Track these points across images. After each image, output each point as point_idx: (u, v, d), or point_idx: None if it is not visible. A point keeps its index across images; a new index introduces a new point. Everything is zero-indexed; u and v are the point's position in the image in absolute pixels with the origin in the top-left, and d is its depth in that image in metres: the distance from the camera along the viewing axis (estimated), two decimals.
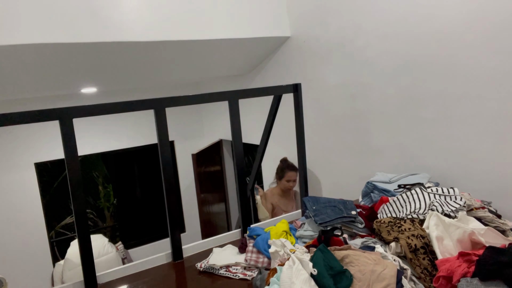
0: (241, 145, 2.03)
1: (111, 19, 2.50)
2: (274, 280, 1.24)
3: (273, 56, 3.48)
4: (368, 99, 2.54)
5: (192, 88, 5.32)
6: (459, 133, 2.02)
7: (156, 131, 1.77)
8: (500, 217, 1.60)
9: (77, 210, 1.60)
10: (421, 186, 1.74)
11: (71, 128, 1.57)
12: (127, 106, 1.73)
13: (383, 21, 2.33)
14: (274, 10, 3.11)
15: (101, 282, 1.69)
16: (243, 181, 2.08)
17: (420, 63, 2.16)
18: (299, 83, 2.26)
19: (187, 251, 1.91)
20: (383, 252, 1.33)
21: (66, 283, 1.70)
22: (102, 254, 3.49)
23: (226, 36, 2.93)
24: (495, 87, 1.82)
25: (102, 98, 4.20)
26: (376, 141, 2.55)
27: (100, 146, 4.96)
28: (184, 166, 5.49)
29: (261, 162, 2.61)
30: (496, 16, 1.77)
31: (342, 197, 1.88)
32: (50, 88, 3.52)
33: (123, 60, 3.00)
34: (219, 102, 2.08)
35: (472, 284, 1.08)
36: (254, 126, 3.26)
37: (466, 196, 1.66)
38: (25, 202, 4.48)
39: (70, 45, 2.44)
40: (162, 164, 1.79)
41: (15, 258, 4.37)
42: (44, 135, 4.43)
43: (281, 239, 1.59)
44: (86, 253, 1.63)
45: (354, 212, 1.69)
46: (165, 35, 2.70)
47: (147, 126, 4.92)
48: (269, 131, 2.46)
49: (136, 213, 6.21)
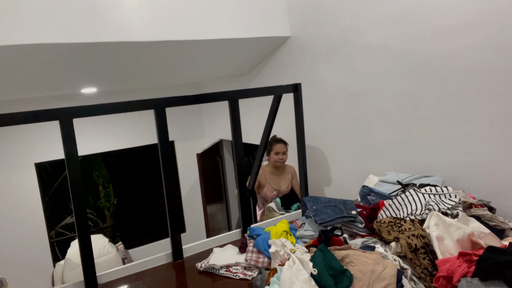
0: (241, 145, 2.03)
1: (111, 19, 2.50)
2: (274, 280, 1.24)
3: (273, 56, 3.48)
4: (368, 99, 2.54)
5: (192, 88, 5.33)
6: (459, 133, 2.02)
7: (156, 131, 1.77)
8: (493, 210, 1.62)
9: (77, 210, 1.60)
10: (414, 187, 1.74)
11: (71, 128, 1.57)
12: (127, 106, 1.73)
13: (383, 21, 2.33)
14: (274, 10, 3.11)
15: (101, 282, 1.70)
16: (243, 181, 2.08)
17: (420, 63, 2.16)
18: (299, 83, 2.26)
19: (187, 251, 1.91)
20: (383, 252, 1.33)
21: (66, 283, 1.70)
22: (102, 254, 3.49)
23: (226, 36, 2.93)
24: (495, 87, 1.82)
25: (102, 98, 4.21)
26: (376, 141, 2.55)
27: (100, 146, 4.96)
28: (184, 166, 5.49)
29: (261, 162, 2.61)
30: (496, 16, 1.77)
31: (342, 197, 1.88)
32: (50, 88, 3.52)
33: (123, 60, 3.00)
34: (219, 102, 2.08)
35: (472, 284, 1.08)
36: (254, 126, 3.25)
37: (461, 193, 1.66)
38: (25, 202, 4.48)
39: (70, 45, 2.44)
40: (162, 164, 1.79)
41: (16, 258, 4.37)
42: (44, 135, 4.43)
43: (281, 239, 1.59)
44: (86, 253, 1.63)
45: (354, 212, 1.69)
46: (165, 35, 2.70)
47: (147, 126, 4.93)
48: (269, 131, 2.46)
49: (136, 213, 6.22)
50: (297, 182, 3.18)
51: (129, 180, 6.40)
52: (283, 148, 3.11)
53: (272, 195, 3.13)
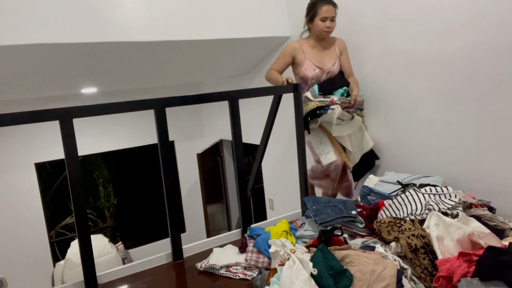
0: (241, 145, 2.02)
1: (112, 19, 2.50)
2: (274, 280, 1.24)
3: (273, 56, 3.47)
4: (367, 98, 2.54)
5: (192, 88, 5.33)
6: (459, 133, 2.02)
7: (156, 131, 1.77)
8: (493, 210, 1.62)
9: (77, 210, 1.60)
10: (414, 187, 1.74)
11: (71, 128, 1.57)
12: (127, 106, 1.73)
13: (382, 21, 2.33)
14: (274, 10, 3.11)
15: (101, 282, 1.70)
16: (243, 181, 2.08)
17: (420, 63, 2.16)
18: (299, 83, 2.26)
19: (187, 251, 1.91)
20: (383, 252, 1.33)
21: (66, 283, 1.70)
22: (102, 254, 3.49)
23: (226, 36, 2.93)
24: (495, 87, 1.82)
25: (102, 98, 4.21)
26: (375, 141, 2.54)
27: (100, 146, 4.96)
28: (184, 166, 5.49)
29: (261, 162, 2.61)
30: (496, 16, 1.77)
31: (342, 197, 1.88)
32: (50, 88, 3.53)
33: (123, 60, 3.00)
34: (219, 102, 2.08)
35: (472, 284, 1.08)
36: (254, 126, 3.25)
37: (461, 193, 1.66)
38: (25, 202, 4.49)
39: (70, 45, 2.44)
40: (162, 164, 1.79)
41: (16, 258, 4.38)
42: (44, 135, 4.43)
43: (281, 239, 1.59)
44: (86, 253, 1.63)
45: (354, 212, 1.69)
46: (165, 35, 2.70)
47: (147, 126, 4.93)
48: (269, 131, 2.46)
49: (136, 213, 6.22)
50: (347, 59, 2.54)
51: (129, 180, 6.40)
52: (332, 11, 2.34)
53: (313, 74, 2.42)
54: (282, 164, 3.64)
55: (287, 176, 3.57)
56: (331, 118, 2.28)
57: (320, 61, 2.44)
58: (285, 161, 3.57)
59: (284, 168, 3.61)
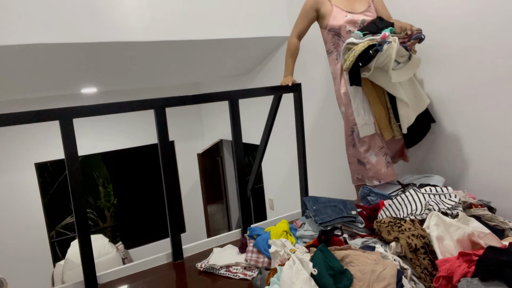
0: (241, 145, 2.03)
1: (111, 19, 2.51)
2: (274, 280, 1.24)
3: (273, 56, 3.48)
4: None
5: (192, 88, 5.33)
6: (459, 133, 2.02)
7: (156, 131, 1.77)
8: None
9: (77, 210, 1.60)
10: (414, 187, 1.74)
11: (71, 128, 1.57)
12: (127, 106, 1.73)
13: None
14: (274, 10, 3.11)
15: (101, 282, 1.70)
16: (243, 181, 2.08)
17: None
18: (299, 83, 2.26)
19: (187, 251, 1.91)
20: (383, 252, 1.33)
21: (66, 283, 1.70)
22: (102, 254, 3.50)
23: (226, 36, 2.93)
24: (495, 87, 1.82)
25: (102, 98, 4.22)
26: None
27: (100, 146, 4.96)
28: (184, 166, 5.49)
29: (261, 162, 2.61)
30: (496, 16, 1.77)
31: (342, 197, 1.88)
32: (50, 88, 3.52)
33: (123, 60, 3.00)
34: (219, 102, 2.08)
35: (472, 284, 1.08)
36: (254, 126, 3.25)
37: (461, 194, 1.66)
38: (25, 202, 4.49)
39: (70, 45, 2.44)
40: (162, 164, 1.79)
41: (16, 258, 4.37)
42: (44, 135, 4.44)
43: (281, 239, 1.59)
44: (86, 253, 1.63)
45: (354, 212, 1.69)
46: (165, 35, 2.70)
47: (147, 126, 4.93)
48: (269, 131, 2.46)
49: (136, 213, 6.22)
50: (382, 3, 2.16)
51: (129, 180, 6.40)
52: None
53: (345, 21, 2.02)
54: (282, 164, 3.64)
55: (287, 176, 3.58)
56: (389, 55, 1.76)
57: (350, 6, 2.06)
58: (285, 161, 3.57)
59: (284, 168, 3.61)
